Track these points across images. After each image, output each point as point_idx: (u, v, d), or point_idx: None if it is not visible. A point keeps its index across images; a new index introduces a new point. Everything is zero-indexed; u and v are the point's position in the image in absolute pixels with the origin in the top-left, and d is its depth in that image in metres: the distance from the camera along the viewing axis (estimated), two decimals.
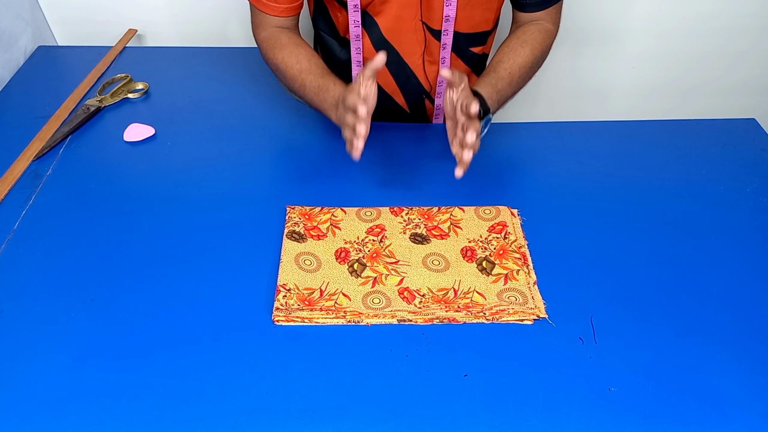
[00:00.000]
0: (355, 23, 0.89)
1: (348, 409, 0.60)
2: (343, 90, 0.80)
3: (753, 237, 0.79)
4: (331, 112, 0.82)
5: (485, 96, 0.82)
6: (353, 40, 0.91)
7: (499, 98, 0.85)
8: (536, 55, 0.88)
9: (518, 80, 0.87)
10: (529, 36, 0.89)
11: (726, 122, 0.99)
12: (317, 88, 0.83)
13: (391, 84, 0.98)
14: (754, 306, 0.70)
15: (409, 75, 0.96)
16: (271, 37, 0.90)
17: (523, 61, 0.87)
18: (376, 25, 0.90)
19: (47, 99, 1.01)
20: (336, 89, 0.81)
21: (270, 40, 0.89)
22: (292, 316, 0.67)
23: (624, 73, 1.44)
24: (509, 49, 0.88)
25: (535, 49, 0.88)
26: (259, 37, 0.91)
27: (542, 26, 0.90)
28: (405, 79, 0.97)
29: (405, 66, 0.94)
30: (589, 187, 0.86)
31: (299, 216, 0.80)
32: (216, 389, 0.61)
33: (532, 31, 0.89)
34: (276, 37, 0.89)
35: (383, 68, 0.94)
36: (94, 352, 0.64)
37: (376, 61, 0.71)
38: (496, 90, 0.84)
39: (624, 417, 0.59)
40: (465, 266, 0.74)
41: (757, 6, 1.31)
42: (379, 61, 0.71)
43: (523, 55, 0.87)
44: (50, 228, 0.78)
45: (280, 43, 0.88)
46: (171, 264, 0.74)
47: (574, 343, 0.66)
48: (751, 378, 0.63)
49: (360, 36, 0.90)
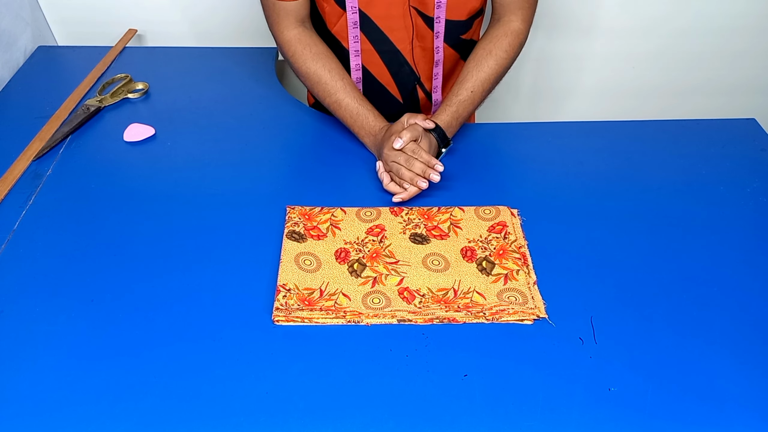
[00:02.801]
0: (353, 9, 0.90)
1: (348, 409, 0.60)
2: (381, 123, 0.89)
3: (753, 237, 0.79)
4: (367, 140, 0.91)
5: (444, 127, 0.88)
6: (350, 27, 0.92)
7: (459, 123, 0.91)
8: (501, 65, 0.91)
9: (481, 96, 0.92)
10: (495, 44, 0.91)
11: (726, 122, 0.99)
12: (355, 113, 0.90)
13: (385, 74, 0.99)
14: (754, 306, 0.70)
15: (402, 62, 0.97)
16: (300, 40, 0.90)
17: (486, 75, 0.91)
18: (367, 15, 0.91)
19: (47, 99, 1.01)
20: (376, 122, 0.90)
21: (300, 44, 0.90)
22: (292, 316, 0.67)
23: (624, 73, 1.44)
24: (474, 63, 0.91)
25: (499, 59, 0.91)
26: (284, 36, 0.91)
27: (510, 27, 0.92)
28: (398, 67, 0.98)
29: (398, 53, 0.96)
30: (589, 187, 0.86)
31: (299, 216, 0.80)
32: (216, 389, 0.61)
33: (498, 37, 0.91)
34: (306, 41, 0.90)
35: (376, 57, 0.96)
36: (94, 352, 0.64)
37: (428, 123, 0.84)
38: (456, 116, 0.90)
39: (624, 417, 0.59)
40: (465, 266, 0.74)
41: (757, 6, 1.31)
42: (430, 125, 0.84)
43: (487, 69, 0.91)
44: (50, 228, 0.79)
45: (312, 52, 0.90)
46: (171, 264, 0.74)
47: (574, 343, 0.66)
48: (752, 378, 0.63)
49: (357, 23, 0.92)
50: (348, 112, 0.90)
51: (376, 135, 0.88)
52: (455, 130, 0.91)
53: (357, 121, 0.90)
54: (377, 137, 0.88)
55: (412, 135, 0.82)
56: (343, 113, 0.91)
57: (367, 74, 0.99)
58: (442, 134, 0.87)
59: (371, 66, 0.98)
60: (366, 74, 0.99)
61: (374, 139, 0.89)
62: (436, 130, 0.87)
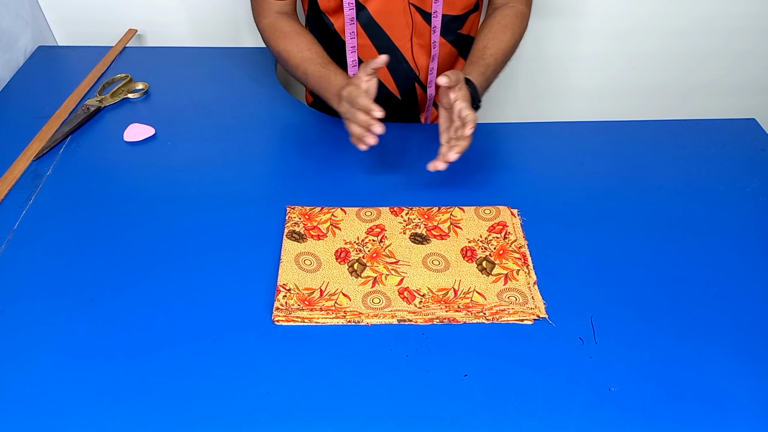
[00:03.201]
0: (349, 5, 0.90)
1: (348, 409, 0.60)
2: (344, 80, 0.84)
3: (753, 237, 0.79)
4: (334, 101, 0.86)
5: (477, 85, 0.84)
6: (347, 23, 0.92)
7: (487, 85, 0.89)
8: (516, 39, 0.91)
9: (502, 65, 0.91)
10: (509, 21, 0.91)
11: (726, 122, 0.99)
12: (319, 77, 0.87)
13: (383, 70, 0.99)
14: (754, 306, 0.70)
15: (400, 59, 0.97)
16: (272, 24, 0.92)
17: (506, 46, 0.90)
18: (365, 8, 0.91)
19: (47, 99, 1.01)
20: (338, 80, 0.85)
21: (272, 28, 0.92)
22: (292, 316, 0.67)
23: (624, 73, 1.44)
24: (492, 34, 0.90)
25: (515, 33, 0.91)
26: (260, 24, 0.93)
27: (517, 9, 0.92)
28: (396, 64, 0.98)
29: (396, 50, 0.96)
30: (589, 187, 0.86)
31: (299, 216, 0.80)
32: (216, 389, 0.61)
33: (510, 16, 0.92)
34: (277, 25, 0.92)
35: (375, 53, 0.97)
36: (94, 352, 0.64)
37: (378, 60, 0.75)
38: (485, 78, 0.87)
39: (624, 417, 0.59)
40: (465, 266, 0.74)
41: (757, 6, 1.31)
42: (382, 60, 0.75)
43: (506, 41, 0.90)
44: (50, 228, 0.78)
45: (281, 32, 0.91)
46: (171, 264, 0.74)
47: (574, 343, 0.66)
48: (751, 378, 0.63)
49: (354, 20, 0.92)
50: (314, 79, 0.88)
51: (340, 91, 0.83)
52: (484, 92, 0.87)
53: (322, 84, 0.87)
54: (341, 93, 0.82)
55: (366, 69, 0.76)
56: (311, 82, 0.89)
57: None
58: (474, 91, 0.82)
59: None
60: None
61: (339, 97, 0.84)
62: (470, 85, 0.81)
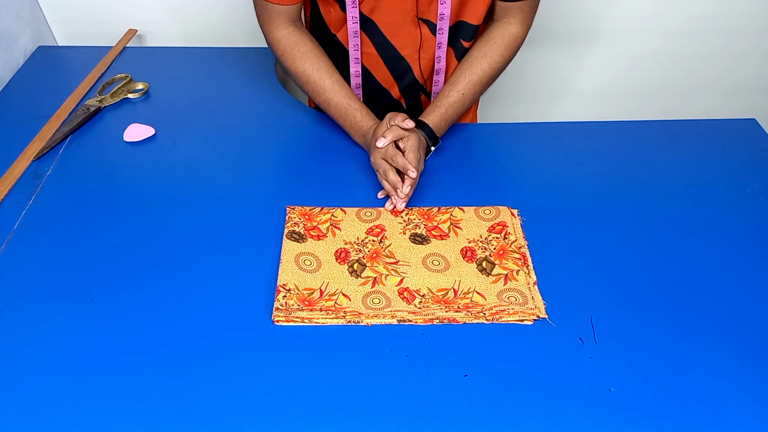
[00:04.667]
0: (353, 19, 0.89)
1: (348, 410, 0.60)
2: (370, 122, 0.88)
3: (753, 237, 0.79)
4: (358, 139, 0.91)
5: (433, 128, 0.88)
6: (351, 36, 0.91)
7: (448, 124, 0.91)
8: (494, 68, 0.91)
9: (471, 98, 0.91)
10: (491, 47, 0.90)
11: (726, 122, 0.99)
12: (344, 111, 0.90)
13: (388, 78, 0.98)
14: (754, 306, 0.70)
15: (406, 68, 0.97)
16: (288, 40, 0.89)
17: (479, 78, 0.90)
18: (372, 20, 0.90)
19: (47, 99, 1.01)
20: (364, 121, 0.89)
21: (288, 44, 0.89)
22: (292, 317, 0.67)
23: (624, 73, 1.44)
24: (468, 65, 0.91)
25: (494, 62, 0.90)
26: (272, 35, 0.90)
27: (508, 30, 0.91)
28: (401, 73, 0.98)
29: (402, 60, 0.96)
30: (589, 187, 0.86)
31: (299, 216, 0.80)
32: (216, 389, 0.61)
33: (496, 39, 0.91)
34: (293, 41, 0.89)
35: (380, 62, 0.96)
36: (95, 352, 0.64)
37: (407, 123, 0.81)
38: (445, 118, 0.89)
39: (624, 417, 0.59)
40: (465, 266, 0.74)
41: (757, 6, 1.31)
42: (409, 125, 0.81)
43: (480, 72, 0.90)
44: (50, 228, 0.78)
45: (300, 52, 0.89)
46: (171, 264, 0.74)
47: (574, 343, 0.66)
48: (751, 378, 0.63)
49: (358, 33, 0.91)
50: (338, 111, 0.90)
51: (366, 134, 0.88)
52: (443, 131, 0.90)
53: (347, 119, 0.90)
54: (366, 137, 0.88)
55: (394, 135, 0.81)
56: (333, 112, 0.91)
57: (371, 79, 0.98)
58: (431, 133, 0.87)
59: (375, 70, 0.97)
60: (369, 79, 0.98)
61: (364, 138, 0.89)
62: (425, 129, 0.87)
